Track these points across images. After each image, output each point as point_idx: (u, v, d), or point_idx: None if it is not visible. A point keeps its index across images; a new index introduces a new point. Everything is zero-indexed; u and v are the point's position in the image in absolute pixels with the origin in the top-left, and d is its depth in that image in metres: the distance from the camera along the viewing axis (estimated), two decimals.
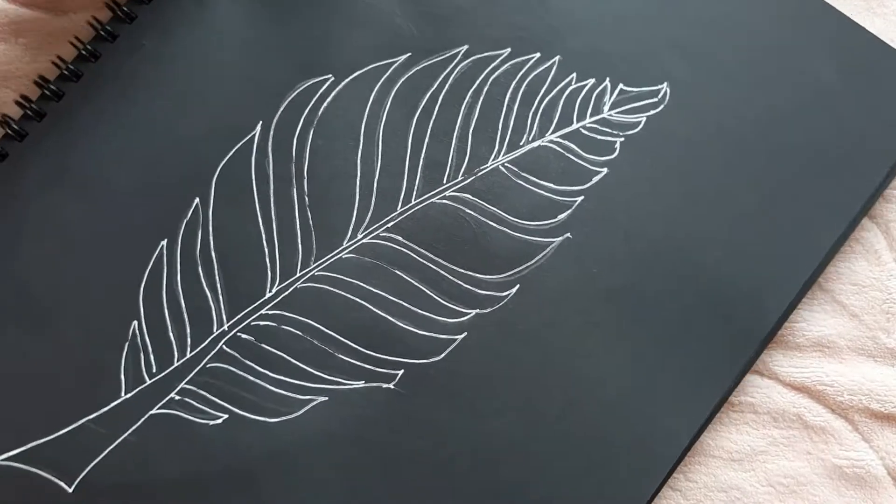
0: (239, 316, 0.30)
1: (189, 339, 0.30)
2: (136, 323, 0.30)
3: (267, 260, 0.31)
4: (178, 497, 0.29)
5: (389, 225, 0.32)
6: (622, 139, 0.32)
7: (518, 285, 0.31)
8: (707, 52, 0.33)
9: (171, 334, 0.30)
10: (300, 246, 0.31)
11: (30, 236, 0.30)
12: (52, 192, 0.31)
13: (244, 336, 0.30)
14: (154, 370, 0.30)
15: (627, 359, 0.31)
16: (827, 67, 0.33)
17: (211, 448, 0.29)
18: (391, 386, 0.30)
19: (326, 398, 0.30)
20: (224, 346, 0.30)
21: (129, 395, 0.30)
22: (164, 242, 0.31)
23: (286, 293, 0.31)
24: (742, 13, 0.33)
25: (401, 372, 0.30)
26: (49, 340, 0.30)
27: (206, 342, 0.30)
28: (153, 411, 0.29)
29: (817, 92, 0.33)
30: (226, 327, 0.30)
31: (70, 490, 0.29)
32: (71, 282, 0.30)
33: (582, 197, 0.32)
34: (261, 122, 0.32)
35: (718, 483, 0.31)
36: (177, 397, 0.30)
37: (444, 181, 0.32)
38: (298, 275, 0.31)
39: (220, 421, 0.29)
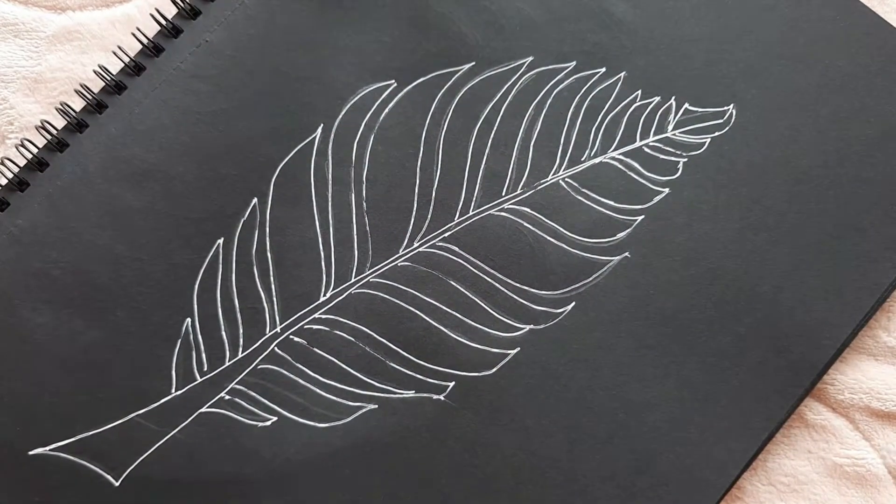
0: (292, 318, 0.30)
1: (241, 340, 0.30)
2: (189, 320, 0.30)
3: (322, 263, 0.31)
4: (221, 496, 0.29)
5: (446, 235, 0.31)
6: (685, 160, 0.32)
7: (574, 303, 0.31)
8: (778, 78, 0.32)
9: (223, 333, 0.30)
10: (356, 251, 0.31)
11: (90, 225, 0.30)
12: (112, 184, 0.31)
13: (296, 339, 0.30)
14: (205, 368, 0.30)
15: (678, 385, 0.30)
16: None
17: (257, 449, 0.29)
18: (441, 397, 0.30)
19: (376, 406, 0.30)
20: (276, 348, 0.30)
21: (179, 392, 0.30)
22: (221, 241, 0.31)
23: (340, 298, 0.31)
24: (818, 44, 0.33)
25: (452, 384, 0.30)
26: (103, 331, 0.30)
27: (258, 343, 0.30)
28: (203, 410, 0.29)
29: (889, 130, 0.32)
30: (278, 329, 0.30)
31: (117, 484, 0.29)
32: (128, 274, 0.30)
33: (642, 216, 0.31)
34: (322, 125, 0.32)
35: None
36: (227, 397, 0.30)
37: (503, 193, 0.32)
38: (353, 280, 0.31)
39: (268, 423, 0.29)
